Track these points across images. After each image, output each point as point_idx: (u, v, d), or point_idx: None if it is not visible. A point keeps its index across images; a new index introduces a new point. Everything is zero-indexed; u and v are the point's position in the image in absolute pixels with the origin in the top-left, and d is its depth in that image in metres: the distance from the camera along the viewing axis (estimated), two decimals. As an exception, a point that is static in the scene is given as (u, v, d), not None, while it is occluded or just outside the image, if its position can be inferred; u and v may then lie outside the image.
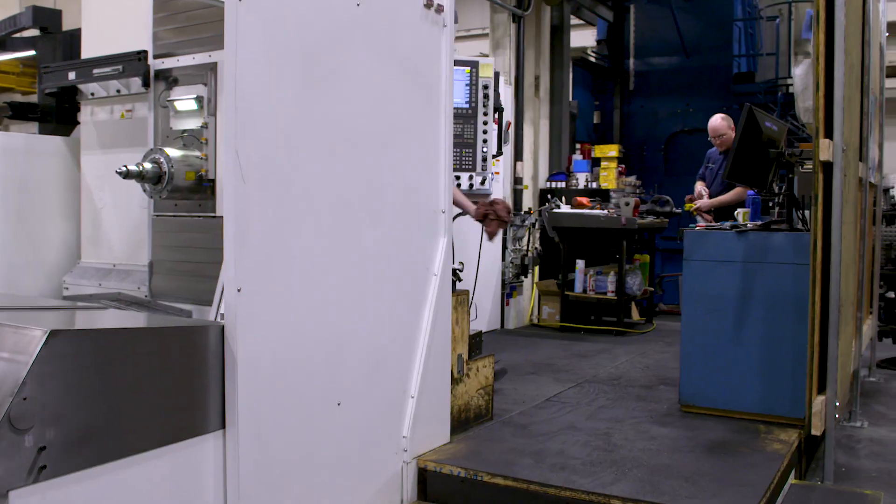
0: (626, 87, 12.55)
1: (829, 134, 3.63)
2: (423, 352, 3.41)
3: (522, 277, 7.39)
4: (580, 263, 7.13)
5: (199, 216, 4.96)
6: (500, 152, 5.98)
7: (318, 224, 2.86)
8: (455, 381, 3.71)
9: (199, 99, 4.82)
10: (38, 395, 2.01)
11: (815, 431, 3.63)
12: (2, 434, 1.93)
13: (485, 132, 5.72)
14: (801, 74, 3.71)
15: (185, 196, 4.95)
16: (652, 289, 7.68)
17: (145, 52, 4.95)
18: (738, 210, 6.07)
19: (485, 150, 5.73)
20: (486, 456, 3.44)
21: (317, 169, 2.84)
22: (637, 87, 12.57)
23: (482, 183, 5.70)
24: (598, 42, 12.58)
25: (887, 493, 3.42)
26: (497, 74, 5.94)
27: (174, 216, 5.09)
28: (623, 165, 9.19)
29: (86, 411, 2.14)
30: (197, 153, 4.90)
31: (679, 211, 7.52)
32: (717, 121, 6.55)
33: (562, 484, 3.10)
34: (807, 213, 4.17)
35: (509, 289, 7.45)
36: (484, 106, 5.72)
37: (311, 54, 2.80)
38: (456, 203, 4.09)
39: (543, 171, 8.73)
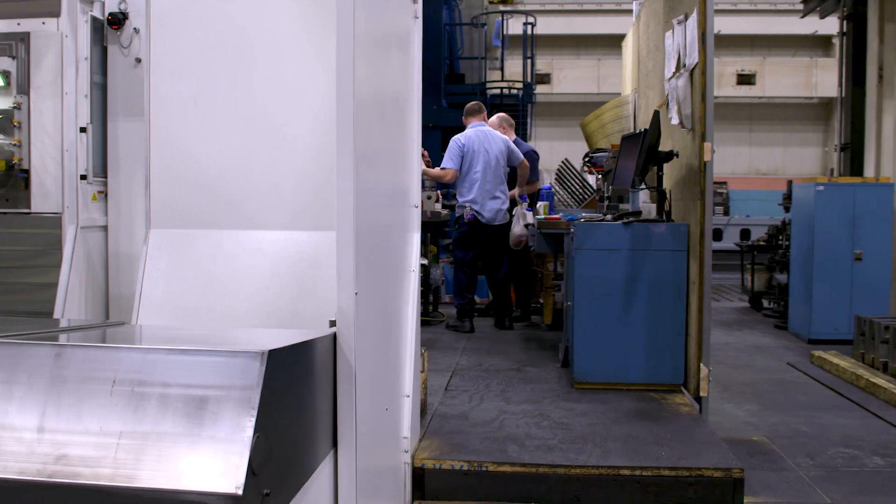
0: (338, 83, 12.68)
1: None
2: (412, 349, 3.30)
3: None
4: (382, 255, 7.18)
5: (8, 213, 4.23)
6: None
7: (379, 213, 2.66)
8: (414, 378, 3.64)
9: (5, 74, 4.04)
10: (266, 430, 1.65)
11: (703, 393, 4.28)
12: (249, 488, 1.55)
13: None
14: (682, 85, 4.29)
15: None
16: (444, 279, 8.04)
17: None
18: (539, 203, 6.73)
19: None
20: (472, 447, 3.46)
21: (380, 153, 2.64)
22: (351, 84, 12.77)
23: None
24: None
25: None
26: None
27: (-31, 213, 4.22)
28: None
29: (286, 445, 1.80)
30: (7, 139, 4.13)
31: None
32: (492, 119, 7.22)
33: (568, 462, 3.27)
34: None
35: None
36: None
37: (380, 36, 2.59)
38: None
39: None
